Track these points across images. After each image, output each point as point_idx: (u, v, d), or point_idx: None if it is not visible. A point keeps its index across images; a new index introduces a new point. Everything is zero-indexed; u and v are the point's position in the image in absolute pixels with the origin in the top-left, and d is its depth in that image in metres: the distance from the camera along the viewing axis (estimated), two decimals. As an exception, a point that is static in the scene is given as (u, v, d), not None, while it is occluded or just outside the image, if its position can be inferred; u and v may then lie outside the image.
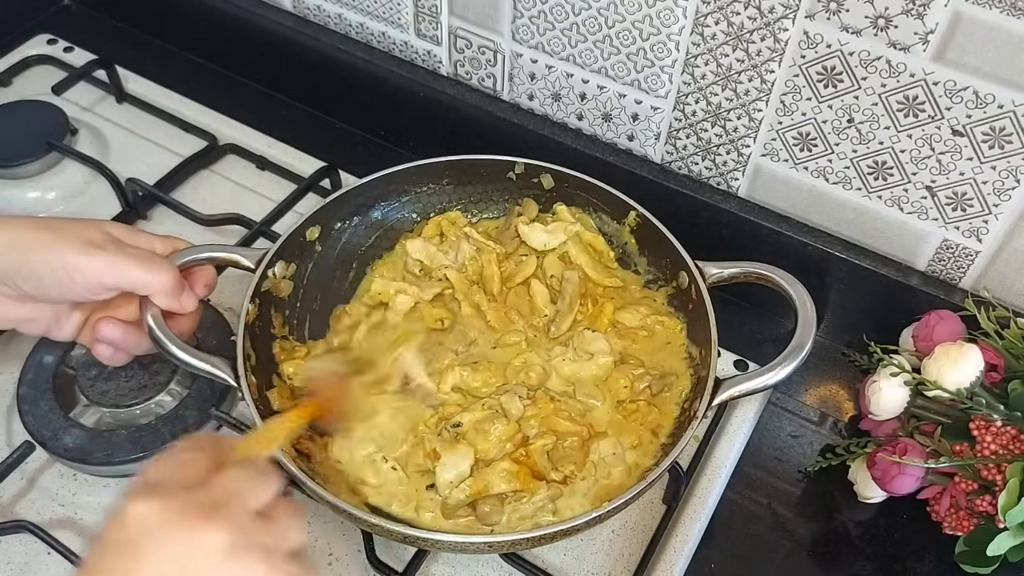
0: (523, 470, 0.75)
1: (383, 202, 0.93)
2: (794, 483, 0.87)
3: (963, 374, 0.77)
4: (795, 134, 0.88)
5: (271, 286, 0.84)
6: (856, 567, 0.82)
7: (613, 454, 0.77)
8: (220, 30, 1.19)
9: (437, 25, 1.03)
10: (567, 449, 0.78)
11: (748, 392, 0.75)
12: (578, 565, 0.80)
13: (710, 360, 0.77)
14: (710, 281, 0.81)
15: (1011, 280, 0.86)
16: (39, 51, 1.22)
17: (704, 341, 0.80)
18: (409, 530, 0.69)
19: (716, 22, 0.84)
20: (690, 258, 0.83)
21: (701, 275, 0.81)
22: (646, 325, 0.86)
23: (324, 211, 0.88)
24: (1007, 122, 0.76)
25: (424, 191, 0.93)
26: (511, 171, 0.92)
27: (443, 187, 0.93)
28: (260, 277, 0.81)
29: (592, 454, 0.77)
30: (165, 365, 0.86)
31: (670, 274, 0.86)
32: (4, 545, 0.78)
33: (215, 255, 0.81)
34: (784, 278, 0.78)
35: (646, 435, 0.79)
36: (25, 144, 1.05)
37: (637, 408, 0.81)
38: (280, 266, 0.84)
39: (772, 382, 0.74)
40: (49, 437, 0.81)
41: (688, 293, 0.83)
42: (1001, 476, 0.74)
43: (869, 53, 0.78)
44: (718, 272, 0.81)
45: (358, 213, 0.91)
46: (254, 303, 0.80)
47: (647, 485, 0.70)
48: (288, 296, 0.86)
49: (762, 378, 0.74)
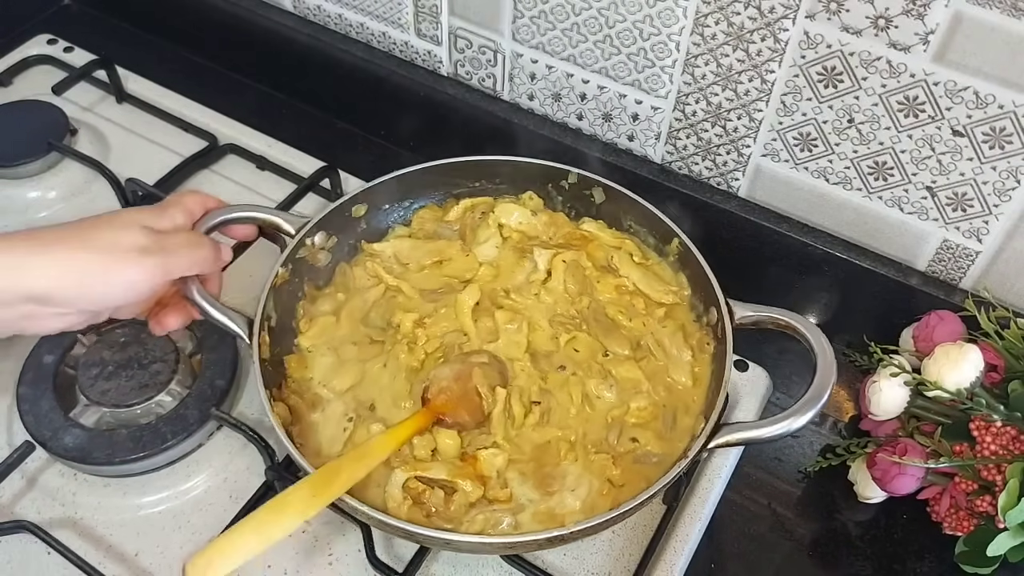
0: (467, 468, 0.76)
1: (433, 191, 0.93)
2: (794, 483, 0.87)
3: (963, 374, 0.77)
4: (795, 134, 0.88)
5: (307, 254, 0.85)
6: (856, 567, 0.82)
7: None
8: (220, 30, 1.19)
9: (437, 25, 1.03)
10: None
11: (750, 441, 0.72)
12: (578, 565, 0.80)
13: (716, 402, 0.74)
14: (738, 321, 0.79)
15: (1011, 280, 0.86)
16: (39, 51, 1.22)
17: (719, 379, 0.78)
18: (411, 527, 0.69)
19: (716, 22, 0.84)
20: (723, 296, 0.80)
21: (730, 313, 0.79)
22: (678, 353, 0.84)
23: (375, 189, 0.89)
24: (1007, 122, 0.76)
25: (477, 187, 0.94)
26: (564, 179, 0.92)
27: (496, 185, 0.94)
28: (297, 244, 0.83)
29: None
30: (165, 365, 0.86)
31: (703, 307, 0.85)
32: (4, 545, 0.78)
33: (256, 215, 0.82)
34: (808, 329, 0.76)
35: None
36: (25, 144, 1.05)
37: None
38: (321, 236, 0.86)
39: (785, 432, 0.71)
40: (49, 437, 0.81)
41: (715, 329, 0.81)
42: (1001, 476, 0.74)
43: (869, 53, 0.78)
44: (747, 315, 0.79)
45: (407, 198, 0.92)
46: (286, 267, 0.82)
47: (654, 492, 0.70)
48: (323, 267, 0.87)
49: (770, 428, 0.71)
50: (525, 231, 0.92)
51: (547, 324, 0.86)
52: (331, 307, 0.86)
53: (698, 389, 0.82)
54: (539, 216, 0.93)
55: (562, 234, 0.92)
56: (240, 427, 0.82)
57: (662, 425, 0.80)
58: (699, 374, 0.82)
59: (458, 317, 0.86)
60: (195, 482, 0.83)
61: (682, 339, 0.84)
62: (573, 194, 0.92)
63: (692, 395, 0.81)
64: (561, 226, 0.93)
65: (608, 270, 0.90)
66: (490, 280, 0.89)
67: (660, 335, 0.85)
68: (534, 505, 0.74)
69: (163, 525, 0.81)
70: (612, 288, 0.88)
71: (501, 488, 0.75)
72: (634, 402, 0.80)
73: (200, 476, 0.84)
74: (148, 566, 0.78)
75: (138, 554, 0.79)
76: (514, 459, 0.77)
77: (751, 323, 0.79)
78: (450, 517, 0.73)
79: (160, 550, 0.79)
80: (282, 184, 1.07)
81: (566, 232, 0.93)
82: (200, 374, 0.87)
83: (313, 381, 0.81)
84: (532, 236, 0.92)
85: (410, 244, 0.91)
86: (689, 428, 0.79)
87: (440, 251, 0.91)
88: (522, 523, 0.73)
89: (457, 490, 0.74)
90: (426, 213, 0.93)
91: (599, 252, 0.91)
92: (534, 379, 0.82)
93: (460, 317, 0.85)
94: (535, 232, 0.92)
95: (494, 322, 0.85)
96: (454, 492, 0.74)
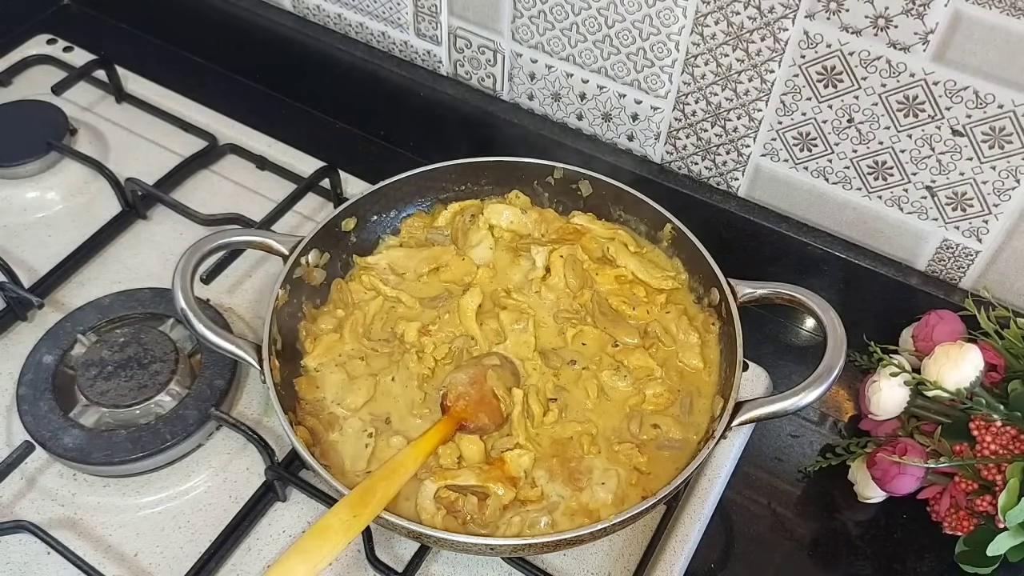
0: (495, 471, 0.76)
1: (420, 198, 0.94)
2: (794, 483, 0.87)
3: (963, 374, 0.77)
4: (795, 134, 0.87)
5: (303, 274, 0.85)
6: (856, 567, 0.82)
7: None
8: (220, 30, 1.19)
9: (437, 25, 1.03)
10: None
11: (771, 415, 0.74)
12: (578, 565, 0.80)
13: (734, 380, 0.76)
14: (741, 300, 0.80)
15: (1011, 280, 0.86)
16: (39, 51, 1.22)
17: (728, 359, 0.80)
18: (413, 525, 0.69)
19: (716, 22, 0.84)
20: (723, 275, 0.82)
21: (733, 293, 0.81)
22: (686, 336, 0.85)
23: (361, 203, 0.90)
24: (1007, 122, 0.76)
25: (463, 190, 0.94)
26: (550, 175, 0.93)
27: (481, 187, 0.94)
28: (293, 264, 0.83)
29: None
30: (164, 365, 0.86)
31: (703, 289, 0.86)
32: (4, 545, 0.78)
33: (250, 239, 0.83)
34: (815, 301, 0.77)
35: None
36: (25, 144, 1.05)
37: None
38: (314, 254, 0.86)
39: (800, 405, 0.73)
40: (49, 437, 0.81)
41: (719, 310, 0.83)
42: (1001, 476, 0.74)
43: (869, 53, 0.78)
44: (750, 292, 0.81)
45: (394, 207, 0.92)
46: (284, 288, 0.82)
47: (659, 500, 0.70)
48: (319, 285, 0.87)
49: (787, 402, 0.73)
50: (516, 230, 0.93)
51: (552, 320, 0.86)
52: (332, 324, 0.86)
53: (709, 370, 0.83)
54: (528, 214, 0.93)
55: (554, 229, 0.93)
56: (240, 427, 0.82)
57: (679, 410, 0.81)
58: (708, 355, 0.84)
59: (462, 322, 0.86)
60: (195, 482, 0.83)
61: (687, 323, 0.85)
62: (559, 189, 0.93)
63: (704, 377, 0.83)
64: (551, 222, 0.93)
65: (605, 261, 0.90)
66: (489, 282, 0.89)
67: (665, 321, 0.86)
68: (565, 501, 0.75)
69: (163, 525, 0.81)
70: (612, 279, 0.89)
71: (531, 488, 0.75)
72: (649, 389, 0.81)
73: (200, 476, 0.84)
74: (148, 566, 0.78)
75: (138, 554, 0.79)
76: (538, 458, 0.77)
77: (756, 299, 0.81)
78: (486, 522, 0.73)
79: (160, 550, 0.79)
80: (282, 184, 1.07)
81: (557, 227, 0.93)
82: (199, 374, 0.87)
83: (326, 400, 0.81)
84: (524, 234, 0.93)
85: (403, 253, 0.91)
86: (706, 410, 0.80)
87: (435, 257, 0.91)
88: (558, 521, 0.74)
89: (490, 495, 0.74)
90: (415, 221, 0.94)
91: (593, 244, 0.91)
92: (547, 376, 0.82)
93: (464, 321, 0.86)
94: (526, 230, 0.93)
95: (499, 323, 0.85)
96: (486, 497, 0.74)
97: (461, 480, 0.74)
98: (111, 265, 0.99)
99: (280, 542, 0.80)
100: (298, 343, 0.84)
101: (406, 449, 0.75)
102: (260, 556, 0.79)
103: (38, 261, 0.98)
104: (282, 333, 0.81)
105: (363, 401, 0.81)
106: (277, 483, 0.81)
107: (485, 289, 0.88)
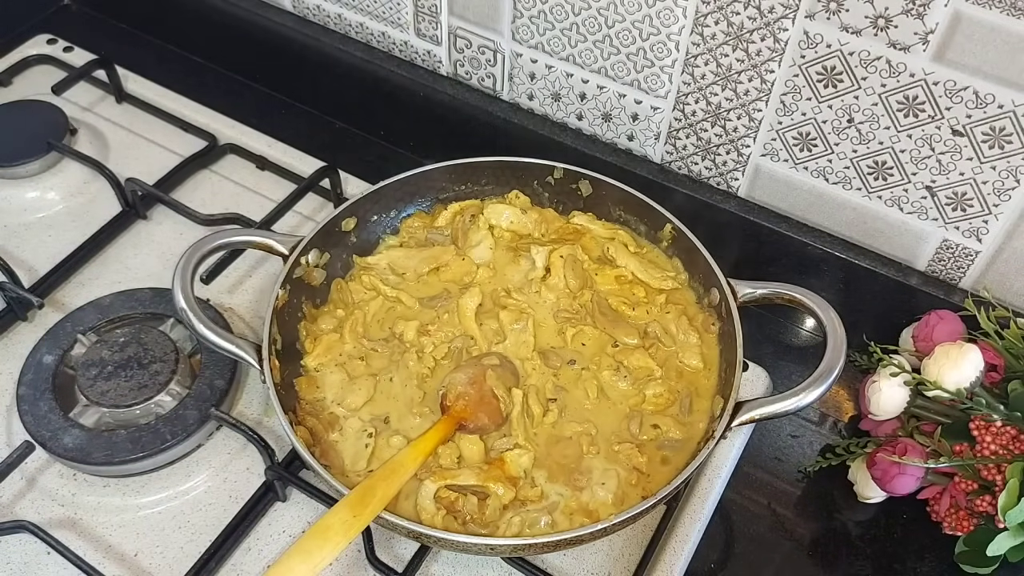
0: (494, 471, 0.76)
1: (420, 198, 0.94)
2: (794, 483, 0.87)
3: (963, 374, 0.77)
4: (795, 134, 0.87)
5: (303, 274, 0.85)
6: (856, 567, 0.82)
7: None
8: (220, 30, 1.19)
9: (437, 25, 1.03)
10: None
11: (771, 416, 0.74)
12: (578, 565, 0.80)
13: (734, 380, 0.76)
14: (741, 300, 0.80)
15: (1011, 280, 0.86)
16: (39, 51, 1.22)
17: (728, 359, 0.80)
18: (413, 525, 0.69)
19: (716, 22, 0.84)
20: (723, 275, 0.82)
21: (733, 293, 0.81)
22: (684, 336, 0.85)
23: (361, 203, 0.90)
24: (1007, 122, 0.76)
25: (462, 190, 0.94)
26: (550, 175, 0.93)
27: (481, 187, 0.94)
28: (293, 264, 0.83)
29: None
30: (164, 365, 0.86)
31: (703, 289, 0.86)
32: (4, 545, 0.78)
33: (250, 239, 0.83)
34: (815, 302, 0.77)
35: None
36: (25, 144, 1.05)
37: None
38: (314, 254, 0.86)
39: (800, 405, 0.73)
40: (49, 437, 0.81)
41: (719, 310, 0.83)
42: (1001, 476, 0.74)
43: (869, 53, 0.78)
44: (750, 292, 0.81)
45: (394, 207, 0.93)
46: (284, 288, 0.82)
47: (659, 500, 0.70)
48: (319, 285, 0.87)
49: (787, 402, 0.73)
50: (516, 230, 0.93)
51: (552, 320, 0.87)
52: (332, 324, 0.86)
53: (709, 371, 0.83)
54: (528, 214, 0.93)
55: (553, 229, 0.93)
56: (240, 427, 0.82)
57: (679, 410, 0.81)
58: (708, 356, 0.84)
59: (462, 321, 0.86)
60: (195, 482, 0.83)
61: (687, 323, 0.85)
62: (559, 189, 0.93)
63: (704, 377, 0.83)
64: (551, 222, 0.93)
65: (605, 261, 0.90)
66: (489, 282, 0.89)
67: (665, 321, 0.86)
68: (565, 501, 0.75)
69: (163, 525, 0.81)
70: (612, 279, 0.89)
71: (531, 488, 0.75)
72: (649, 389, 0.81)
73: (200, 476, 0.84)
74: (148, 566, 0.78)
75: (138, 554, 0.79)
76: (538, 457, 0.77)
77: (756, 299, 0.81)
78: (486, 522, 0.73)
79: (160, 550, 0.79)
80: (282, 184, 1.07)
81: (557, 227, 0.93)
82: (199, 374, 0.87)
83: (327, 400, 0.81)
84: (524, 234, 0.93)
85: (403, 253, 0.91)
86: (705, 410, 0.80)
87: (435, 257, 0.91)
88: (558, 521, 0.74)
89: (489, 495, 0.74)
90: (415, 221, 0.94)
91: (593, 244, 0.92)
92: (547, 376, 0.82)
93: (464, 321, 0.86)
94: (526, 230, 0.93)
95: (499, 323, 0.85)
96: (486, 497, 0.74)
97: (461, 480, 0.74)
98: (111, 265, 1.00)
99: (280, 542, 0.80)
100: (298, 343, 0.84)
101: (406, 449, 0.75)
102: (260, 556, 0.79)
103: (38, 261, 0.98)
104: (282, 333, 0.81)
105: (363, 401, 0.81)
106: (277, 483, 0.81)
107: (485, 289, 0.88)
